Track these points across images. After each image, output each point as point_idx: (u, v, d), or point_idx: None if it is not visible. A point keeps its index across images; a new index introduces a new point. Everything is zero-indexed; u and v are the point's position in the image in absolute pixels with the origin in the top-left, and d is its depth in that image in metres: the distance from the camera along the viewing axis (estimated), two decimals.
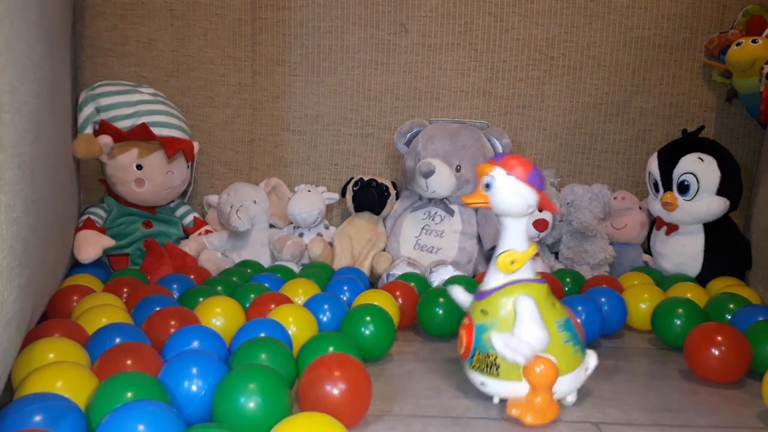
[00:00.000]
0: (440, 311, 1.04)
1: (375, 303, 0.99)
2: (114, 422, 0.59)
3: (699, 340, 0.90)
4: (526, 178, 0.75)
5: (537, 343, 0.73)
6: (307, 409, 0.69)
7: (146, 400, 0.63)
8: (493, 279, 0.78)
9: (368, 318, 0.93)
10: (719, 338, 0.88)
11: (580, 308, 1.01)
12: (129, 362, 0.73)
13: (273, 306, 0.96)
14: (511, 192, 0.75)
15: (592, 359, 0.81)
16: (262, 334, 0.84)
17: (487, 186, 0.76)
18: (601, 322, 1.03)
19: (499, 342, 0.74)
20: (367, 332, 0.92)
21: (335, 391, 0.69)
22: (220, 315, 0.94)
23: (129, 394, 0.65)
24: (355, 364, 0.73)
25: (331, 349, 0.81)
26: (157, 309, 0.91)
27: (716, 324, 0.92)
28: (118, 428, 0.58)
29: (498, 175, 0.76)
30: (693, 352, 0.90)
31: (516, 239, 0.78)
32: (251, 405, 0.66)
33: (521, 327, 0.74)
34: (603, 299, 1.07)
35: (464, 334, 0.80)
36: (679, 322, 1.01)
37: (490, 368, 0.77)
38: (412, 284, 1.15)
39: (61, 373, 0.69)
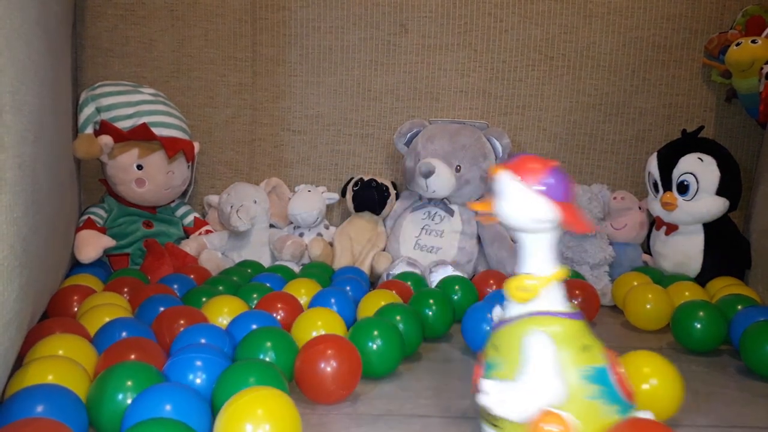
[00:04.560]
0: (429, 313, 1.03)
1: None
2: (143, 404, 0.62)
3: None
4: (536, 185, 0.61)
5: (542, 395, 0.58)
6: (305, 384, 0.77)
7: (172, 383, 0.67)
8: (512, 307, 0.64)
9: (375, 332, 0.86)
10: None
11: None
12: (133, 357, 0.74)
13: (280, 305, 0.97)
14: (518, 201, 0.61)
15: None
16: (254, 326, 0.86)
17: (495, 192, 0.63)
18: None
19: (488, 389, 0.60)
20: (374, 347, 0.86)
21: (328, 368, 0.76)
22: (227, 314, 0.94)
23: (129, 383, 0.66)
24: (343, 341, 0.80)
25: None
26: (166, 308, 0.91)
27: None
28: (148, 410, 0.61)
29: (504, 180, 0.62)
30: None
31: (534, 260, 0.63)
32: None
33: (525, 373, 0.59)
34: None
35: (475, 370, 0.68)
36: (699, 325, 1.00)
37: (493, 421, 0.63)
38: (409, 283, 1.16)
39: (61, 367, 0.70)
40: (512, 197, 0.61)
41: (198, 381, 0.72)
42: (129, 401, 0.65)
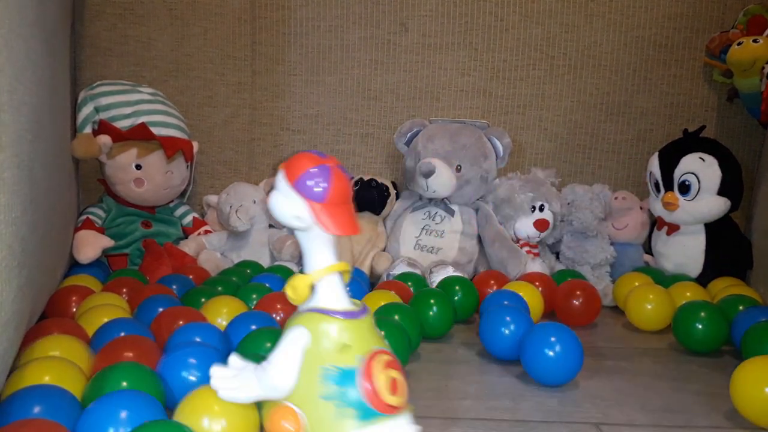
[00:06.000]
0: (430, 313, 1.03)
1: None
2: (96, 410, 0.60)
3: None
4: (293, 183, 0.61)
5: (270, 386, 0.58)
6: None
7: (127, 390, 0.65)
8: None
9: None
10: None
11: None
12: (129, 355, 0.74)
13: (279, 306, 0.97)
14: (279, 198, 0.62)
15: None
16: (253, 327, 0.85)
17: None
18: None
19: (217, 373, 0.61)
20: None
21: None
22: (226, 315, 0.93)
23: (124, 384, 0.66)
24: None
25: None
26: (165, 309, 0.91)
27: None
28: (101, 416, 0.60)
29: (278, 177, 0.64)
30: None
31: (310, 258, 0.60)
32: None
33: (269, 360, 0.59)
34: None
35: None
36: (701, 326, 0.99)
37: None
38: (409, 284, 1.15)
39: (58, 368, 0.70)
40: (276, 194, 0.62)
41: (192, 378, 0.71)
42: None
